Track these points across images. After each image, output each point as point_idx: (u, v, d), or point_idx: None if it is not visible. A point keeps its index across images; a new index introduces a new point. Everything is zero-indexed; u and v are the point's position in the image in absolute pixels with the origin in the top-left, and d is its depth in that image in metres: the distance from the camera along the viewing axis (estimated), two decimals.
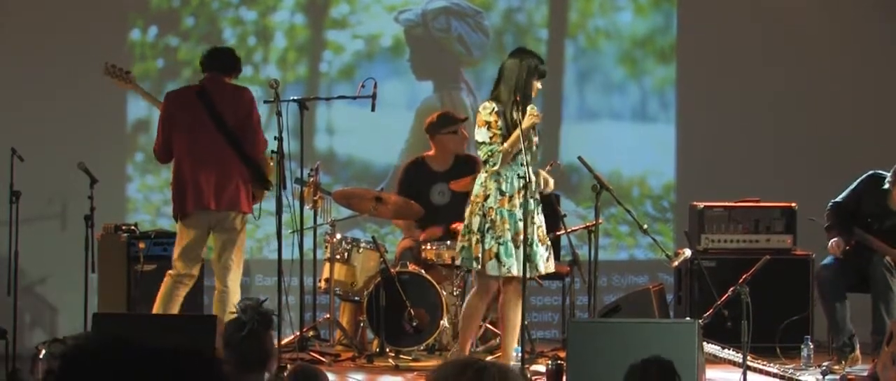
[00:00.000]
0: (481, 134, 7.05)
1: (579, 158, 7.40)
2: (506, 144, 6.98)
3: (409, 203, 8.39)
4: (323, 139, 9.68)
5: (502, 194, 7.00)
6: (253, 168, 7.54)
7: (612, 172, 9.61)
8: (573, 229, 8.13)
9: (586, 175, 7.50)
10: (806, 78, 9.93)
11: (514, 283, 7.09)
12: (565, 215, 7.91)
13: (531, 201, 7.02)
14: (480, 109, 7.15)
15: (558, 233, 8.07)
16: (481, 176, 7.09)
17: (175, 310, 7.49)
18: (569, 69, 10.02)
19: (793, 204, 8.75)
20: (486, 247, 6.99)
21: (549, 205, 7.89)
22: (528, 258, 6.97)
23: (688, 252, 7.68)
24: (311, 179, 8.09)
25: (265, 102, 7.88)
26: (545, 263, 7.11)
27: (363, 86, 7.87)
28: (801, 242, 8.71)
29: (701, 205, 8.79)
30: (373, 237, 8.49)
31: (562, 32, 9.97)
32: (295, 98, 7.79)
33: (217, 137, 7.44)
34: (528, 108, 7.05)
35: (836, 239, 7.90)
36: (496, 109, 7.04)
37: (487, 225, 7.00)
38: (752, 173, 9.71)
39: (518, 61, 7.10)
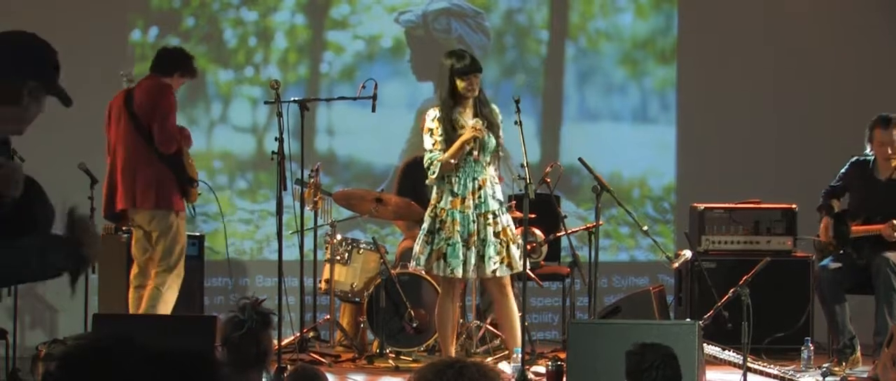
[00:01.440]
0: (426, 141, 7.07)
1: (580, 159, 7.40)
2: (445, 155, 6.97)
3: (409, 204, 8.39)
4: (323, 140, 9.68)
5: (454, 195, 7.01)
6: (169, 163, 7.55)
7: (613, 173, 9.62)
8: (573, 230, 8.12)
9: (587, 176, 7.50)
10: (807, 79, 9.93)
11: (494, 283, 7.08)
12: (566, 217, 7.91)
13: (492, 201, 7.02)
14: (425, 116, 7.15)
15: (558, 234, 8.07)
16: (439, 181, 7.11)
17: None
18: (569, 70, 10.02)
19: (793, 206, 8.75)
20: (435, 247, 7.01)
21: (550, 206, 7.89)
22: (480, 258, 6.97)
23: (688, 253, 7.67)
24: (312, 181, 8.09)
25: (266, 102, 7.88)
26: (501, 264, 7.03)
27: (364, 87, 7.86)
28: (802, 244, 8.70)
29: (701, 206, 8.78)
30: (373, 238, 8.49)
31: (562, 34, 9.97)
32: (295, 99, 7.78)
33: (137, 137, 7.52)
34: (471, 121, 7.01)
35: (826, 222, 7.94)
36: (438, 115, 7.03)
37: (437, 226, 7.02)
38: (752, 175, 9.71)
39: (446, 64, 7.09)
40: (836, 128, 9.79)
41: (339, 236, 8.35)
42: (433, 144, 7.01)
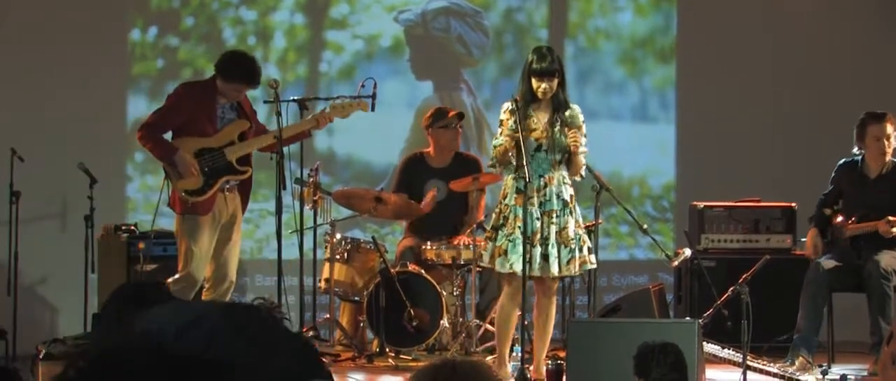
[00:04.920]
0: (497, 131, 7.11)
1: None
2: (500, 147, 6.97)
3: (409, 203, 8.40)
4: (323, 139, 9.68)
5: (519, 192, 6.97)
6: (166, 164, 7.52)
7: (612, 172, 9.61)
8: None
9: (586, 175, 7.50)
10: (806, 78, 9.93)
11: (543, 284, 7.04)
12: None
13: (556, 200, 6.96)
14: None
15: None
16: (507, 174, 7.10)
17: None
18: (569, 69, 9.94)
19: (793, 204, 8.75)
20: (497, 243, 6.97)
21: None
22: (545, 258, 6.92)
23: (688, 252, 7.67)
24: (311, 180, 8.09)
25: (265, 102, 7.88)
26: (567, 265, 6.99)
27: (363, 86, 7.86)
28: (801, 242, 8.70)
29: (701, 205, 8.79)
30: (373, 237, 8.49)
31: (562, 32, 9.97)
32: (295, 98, 7.79)
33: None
34: (542, 122, 6.99)
35: (812, 236, 7.90)
36: (510, 107, 7.02)
37: (501, 222, 6.98)
38: (752, 173, 9.71)
39: (527, 59, 7.11)
40: (836, 126, 9.78)
41: (338, 235, 8.35)
42: (499, 134, 7.02)
